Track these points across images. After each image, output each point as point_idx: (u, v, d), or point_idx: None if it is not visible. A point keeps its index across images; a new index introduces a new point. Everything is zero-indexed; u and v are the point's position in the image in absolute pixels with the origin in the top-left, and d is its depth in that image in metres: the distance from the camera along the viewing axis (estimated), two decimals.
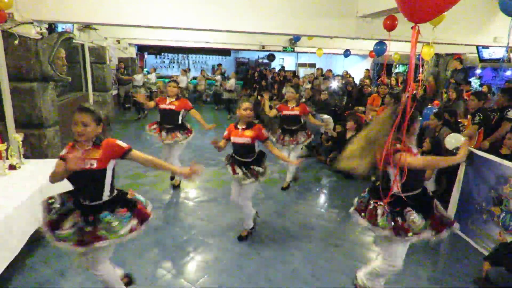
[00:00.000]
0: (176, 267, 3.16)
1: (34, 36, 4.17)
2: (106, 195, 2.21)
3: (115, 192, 2.29)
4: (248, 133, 3.33)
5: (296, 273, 3.15)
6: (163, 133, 4.57)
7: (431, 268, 3.40)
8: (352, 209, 2.58)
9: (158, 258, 3.28)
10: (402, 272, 3.26)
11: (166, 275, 3.03)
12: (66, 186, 3.55)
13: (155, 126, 4.67)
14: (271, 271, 3.16)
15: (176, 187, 4.93)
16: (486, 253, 3.43)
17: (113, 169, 2.24)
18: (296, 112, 4.84)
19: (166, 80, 12.43)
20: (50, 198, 2.25)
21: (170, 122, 4.60)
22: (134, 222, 2.22)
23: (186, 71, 12.51)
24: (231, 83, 11.23)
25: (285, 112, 4.87)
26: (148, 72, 12.02)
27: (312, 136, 5.10)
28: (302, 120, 4.95)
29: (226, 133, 3.49)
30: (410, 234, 2.31)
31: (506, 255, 3.03)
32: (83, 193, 2.20)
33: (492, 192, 3.67)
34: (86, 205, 2.19)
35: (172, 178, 4.99)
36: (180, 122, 4.64)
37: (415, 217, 2.32)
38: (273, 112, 5.02)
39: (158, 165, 2.33)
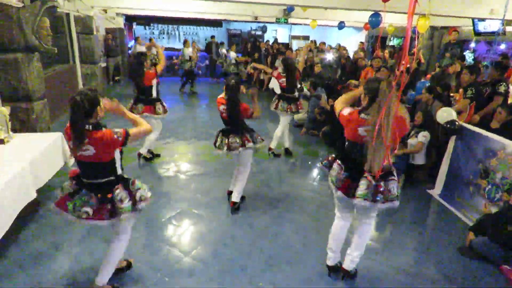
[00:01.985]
0: (170, 239, 3.21)
1: (15, 4, 3.98)
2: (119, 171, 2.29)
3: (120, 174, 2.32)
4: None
5: (288, 244, 3.23)
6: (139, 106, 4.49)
7: (417, 238, 3.51)
8: (333, 187, 2.56)
9: (152, 230, 3.33)
10: (389, 242, 3.39)
11: (160, 247, 3.08)
12: (54, 163, 3.53)
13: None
14: (264, 242, 3.24)
15: (148, 159, 4.89)
16: (471, 224, 3.55)
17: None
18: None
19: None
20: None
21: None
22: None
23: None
24: (233, 55, 11.03)
25: (280, 81, 5.10)
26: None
27: (303, 109, 5.30)
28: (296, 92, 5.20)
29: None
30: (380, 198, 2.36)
31: (490, 225, 3.14)
32: (91, 175, 2.23)
33: (480, 165, 3.75)
34: (93, 183, 2.21)
35: (139, 155, 4.87)
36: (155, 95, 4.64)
37: (393, 186, 2.37)
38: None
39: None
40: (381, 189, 2.33)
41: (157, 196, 3.99)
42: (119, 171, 2.28)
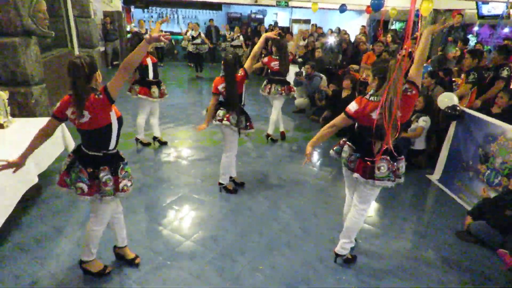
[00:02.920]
0: (171, 224, 3.25)
1: None
2: (112, 145, 2.25)
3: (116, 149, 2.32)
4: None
5: (287, 228, 3.27)
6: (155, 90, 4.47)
7: (416, 223, 3.55)
8: (344, 168, 2.61)
9: (153, 215, 3.36)
10: (387, 226, 3.42)
11: (162, 231, 3.12)
12: (55, 148, 3.53)
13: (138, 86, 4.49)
14: (263, 226, 3.28)
15: (146, 144, 4.92)
16: (469, 208, 3.57)
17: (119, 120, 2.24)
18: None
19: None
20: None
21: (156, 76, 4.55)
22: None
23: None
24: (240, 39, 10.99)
25: (272, 64, 5.06)
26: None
27: (292, 92, 5.28)
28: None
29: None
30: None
31: (488, 210, 3.17)
32: (91, 144, 2.22)
33: (480, 150, 3.75)
34: (91, 155, 2.21)
35: (137, 140, 4.91)
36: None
37: (402, 165, 2.46)
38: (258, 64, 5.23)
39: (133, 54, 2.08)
40: (394, 168, 2.39)
41: (158, 181, 4.01)
42: (112, 146, 2.24)
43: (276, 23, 14.06)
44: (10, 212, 2.66)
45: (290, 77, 7.55)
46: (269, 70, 5.23)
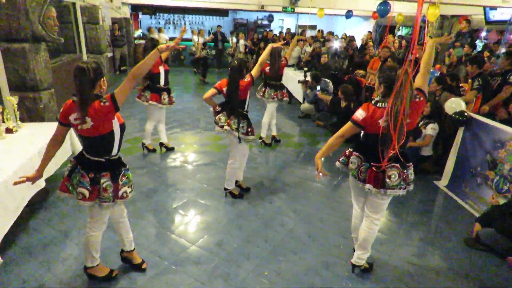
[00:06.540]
0: (177, 228, 3.25)
1: None
2: (115, 151, 2.25)
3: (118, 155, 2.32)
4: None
5: (293, 234, 3.25)
6: (165, 97, 4.54)
7: (424, 229, 3.51)
8: (353, 179, 2.52)
9: (159, 220, 3.36)
10: (394, 232, 3.39)
11: (168, 236, 3.12)
12: (63, 152, 3.57)
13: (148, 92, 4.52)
14: (269, 231, 3.26)
15: (151, 150, 4.93)
16: (477, 215, 3.53)
17: (122, 127, 2.24)
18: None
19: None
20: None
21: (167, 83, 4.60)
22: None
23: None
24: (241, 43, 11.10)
25: (266, 69, 5.16)
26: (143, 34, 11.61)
27: (285, 97, 5.33)
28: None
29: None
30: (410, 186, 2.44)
31: (497, 217, 3.12)
32: (93, 150, 2.22)
33: (488, 156, 3.71)
34: (93, 161, 2.21)
35: (143, 145, 4.94)
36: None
37: (411, 172, 2.42)
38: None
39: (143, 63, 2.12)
40: (404, 176, 2.36)
41: (164, 186, 4.02)
42: (114, 152, 2.24)
43: (288, 29, 14.07)
44: (17, 216, 2.68)
45: (293, 82, 7.57)
46: (264, 74, 5.32)
